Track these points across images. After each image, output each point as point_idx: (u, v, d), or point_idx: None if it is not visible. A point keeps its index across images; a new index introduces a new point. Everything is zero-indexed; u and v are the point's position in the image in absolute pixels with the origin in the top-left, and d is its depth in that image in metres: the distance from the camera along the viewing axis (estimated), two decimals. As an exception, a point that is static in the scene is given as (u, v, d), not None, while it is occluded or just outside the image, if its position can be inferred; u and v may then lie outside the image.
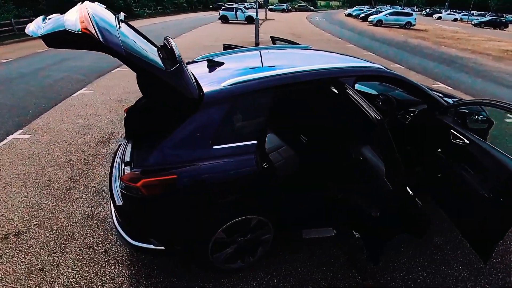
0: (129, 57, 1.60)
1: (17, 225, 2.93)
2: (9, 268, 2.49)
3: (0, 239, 2.76)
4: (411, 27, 27.01)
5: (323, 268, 2.61)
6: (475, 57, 13.74)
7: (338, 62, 2.80)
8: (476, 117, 2.69)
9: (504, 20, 35.07)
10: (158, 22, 27.06)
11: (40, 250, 2.65)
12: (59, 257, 2.59)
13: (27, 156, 4.14)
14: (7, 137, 4.71)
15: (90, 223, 2.98)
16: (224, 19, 27.69)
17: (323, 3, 79.49)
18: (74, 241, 2.76)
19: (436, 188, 2.82)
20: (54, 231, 2.86)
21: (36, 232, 2.85)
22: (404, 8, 42.96)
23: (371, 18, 29.68)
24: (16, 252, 2.63)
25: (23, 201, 3.26)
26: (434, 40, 19.28)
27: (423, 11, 58.70)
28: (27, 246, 2.69)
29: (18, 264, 2.52)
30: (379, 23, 27.97)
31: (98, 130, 5.00)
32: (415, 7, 63.50)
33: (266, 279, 2.50)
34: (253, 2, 58.29)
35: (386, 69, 2.72)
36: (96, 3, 1.88)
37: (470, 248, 2.78)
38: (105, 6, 2.03)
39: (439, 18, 47.61)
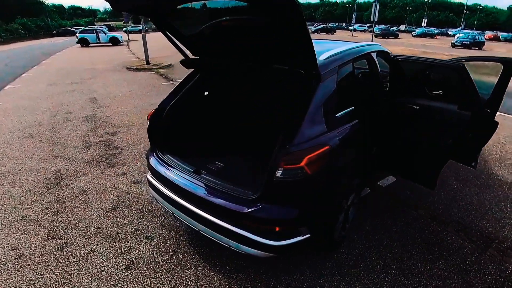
0: None
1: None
2: None
3: None
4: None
5: (388, 213, 2.93)
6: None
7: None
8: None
9: (331, 27, 46.32)
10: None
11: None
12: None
13: None
14: None
15: (134, 273, 2.17)
16: (84, 43, 24.27)
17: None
18: None
19: None
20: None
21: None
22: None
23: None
24: None
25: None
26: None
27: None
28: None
29: None
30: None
31: (32, 173, 3.56)
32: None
33: (366, 236, 2.57)
34: (103, 25, 54.03)
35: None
36: None
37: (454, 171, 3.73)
38: None
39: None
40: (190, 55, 2.47)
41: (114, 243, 2.45)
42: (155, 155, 2.38)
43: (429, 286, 2.14)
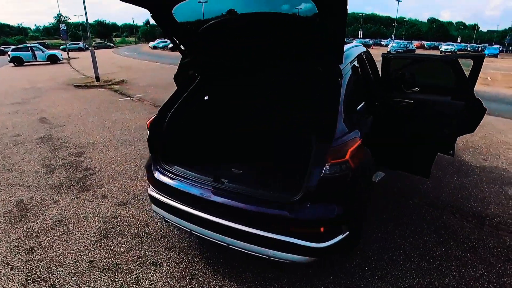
0: None
1: None
2: None
3: None
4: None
5: (389, 206, 3.00)
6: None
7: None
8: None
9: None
10: None
11: None
12: None
13: None
14: None
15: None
16: (18, 61, 21.74)
17: (119, 39, 77.21)
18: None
19: None
20: None
21: None
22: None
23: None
24: None
25: None
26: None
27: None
28: None
29: None
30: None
31: (-15, 209, 2.94)
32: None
33: (378, 229, 2.57)
34: (37, 43, 49.68)
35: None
36: None
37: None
38: None
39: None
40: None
41: (116, 277, 2.09)
42: (159, 167, 2.12)
43: (451, 267, 2.20)
